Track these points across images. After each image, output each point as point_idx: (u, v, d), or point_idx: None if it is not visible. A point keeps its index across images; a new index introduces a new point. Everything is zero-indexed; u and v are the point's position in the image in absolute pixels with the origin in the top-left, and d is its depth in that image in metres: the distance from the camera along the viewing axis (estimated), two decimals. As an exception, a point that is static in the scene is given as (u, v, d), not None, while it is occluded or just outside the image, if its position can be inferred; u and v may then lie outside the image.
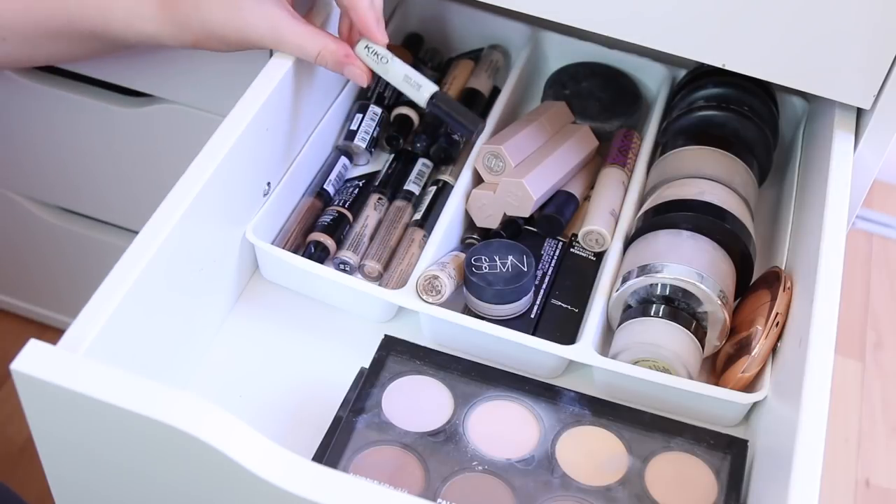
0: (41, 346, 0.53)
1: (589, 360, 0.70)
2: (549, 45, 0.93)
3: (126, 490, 0.59)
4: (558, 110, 0.85)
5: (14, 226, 1.20)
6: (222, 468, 0.51)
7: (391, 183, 0.82)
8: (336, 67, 0.73)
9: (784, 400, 0.64)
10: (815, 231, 0.69)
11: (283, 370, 0.72)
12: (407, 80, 0.74)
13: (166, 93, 1.00)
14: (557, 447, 0.66)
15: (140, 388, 0.51)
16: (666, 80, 0.91)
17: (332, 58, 0.73)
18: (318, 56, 0.73)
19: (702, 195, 0.75)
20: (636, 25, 0.74)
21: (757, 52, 0.72)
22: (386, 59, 0.74)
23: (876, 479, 1.40)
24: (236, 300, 0.76)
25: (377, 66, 0.74)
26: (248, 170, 0.71)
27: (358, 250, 0.77)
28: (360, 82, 0.75)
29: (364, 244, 0.78)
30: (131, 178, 1.09)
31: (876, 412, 1.48)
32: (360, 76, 0.74)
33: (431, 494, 0.62)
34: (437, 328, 0.73)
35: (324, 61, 0.73)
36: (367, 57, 0.74)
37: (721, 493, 0.64)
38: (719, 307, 0.70)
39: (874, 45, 0.69)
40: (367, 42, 0.74)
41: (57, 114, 1.05)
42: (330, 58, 0.73)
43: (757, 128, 0.81)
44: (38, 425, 0.56)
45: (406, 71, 0.74)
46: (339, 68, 0.74)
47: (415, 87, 0.74)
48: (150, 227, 0.62)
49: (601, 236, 0.78)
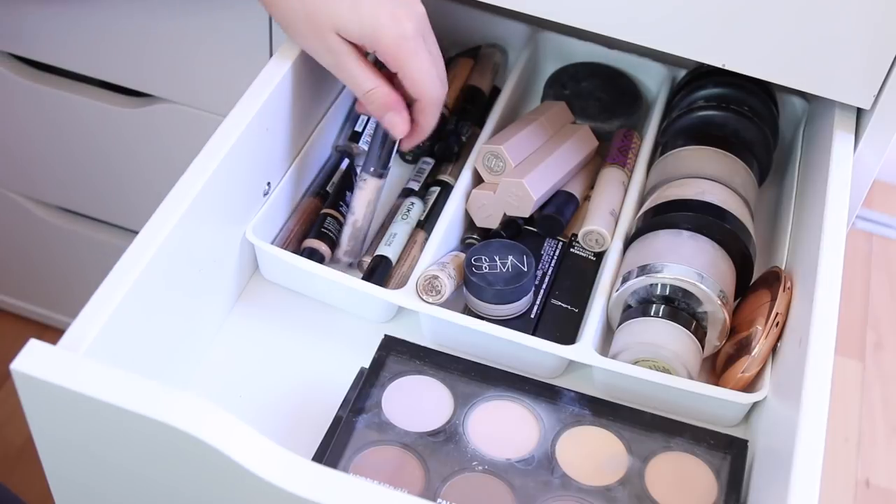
0: (41, 346, 0.53)
1: (589, 360, 0.70)
2: (549, 45, 0.93)
3: (126, 490, 0.59)
4: (558, 110, 0.85)
5: (14, 226, 1.20)
6: (222, 468, 0.51)
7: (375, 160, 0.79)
8: (380, 110, 0.73)
9: (784, 400, 0.64)
10: (815, 231, 0.69)
11: (283, 370, 0.72)
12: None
13: (166, 93, 1.00)
14: (557, 447, 0.66)
15: (140, 388, 0.51)
16: (666, 80, 0.91)
17: (381, 100, 0.72)
18: (369, 92, 0.72)
19: (702, 195, 0.75)
20: (636, 25, 0.74)
21: (757, 52, 0.72)
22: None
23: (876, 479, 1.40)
24: (236, 300, 0.76)
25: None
26: (248, 170, 0.71)
27: (353, 245, 0.77)
28: (397, 133, 0.74)
29: (360, 239, 0.77)
30: (131, 178, 1.09)
31: (876, 412, 1.48)
32: (401, 127, 0.73)
33: (431, 494, 0.62)
34: (437, 328, 0.73)
35: (372, 99, 0.72)
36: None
37: (721, 493, 0.64)
38: (719, 307, 0.70)
39: (874, 45, 0.69)
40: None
41: (57, 114, 1.05)
42: (379, 99, 0.72)
43: (757, 128, 0.81)
44: (38, 425, 0.56)
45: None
46: (383, 111, 0.73)
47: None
48: (150, 227, 0.62)
49: (601, 236, 0.78)
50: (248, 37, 0.92)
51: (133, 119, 1.03)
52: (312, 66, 0.76)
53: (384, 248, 0.77)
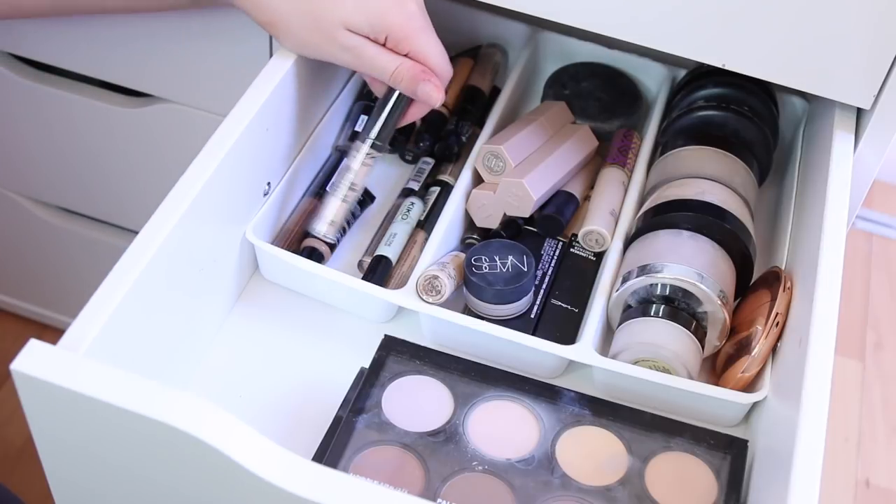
0: (41, 346, 0.53)
1: (589, 360, 0.70)
2: (549, 45, 0.93)
3: (126, 490, 0.59)
4: (558, 110, 0.85)
5: (14, 226, 1.20)
6: (222, 468, 0.51)
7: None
8: (411, 84, 0.73)
9: (784, 400, 0.64)
10: (815, 231, 0.69)
11: (283, 370, 0.72)
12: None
13: (166, 93, 1.00)
14: (557, 447, 0.66)
15: (140, 388, 0.51)
16: (666, 80, 0.91)
17: (408, 73, 0.72)
18: (394, 71, 0.72)
19: (702, 195, 0.75)
20: (636, 25, 0.74)
21: (757, 52, 0.72)
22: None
23: (876, 479, 1.40)
24: (236, 300, 0.76)
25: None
26: (248, 170, 0.71)
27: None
28: (433, 103, 0.74)
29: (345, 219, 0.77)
30: (131, 178, 1.09)
31: (876, 412, 1.48)
32: (435, 95, 0.73)
33: (431, 494, 0.62)
34: (437, 328, 0.73)
35: (400, 76, 0.72)
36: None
37: (721, 493, 0.64)
38: (719, 307, 0.70)
39: (874, 45, 0.69)
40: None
41: (57, 114, 1.05)
42: (407, 73, 0.72)
43: (757, 128, 0.81)
44: (38, 425, 0.56)
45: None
46: (413, 85, 0.73)
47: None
48: (150, 227, 0.62)
49: (601, 236, 0.78)
50: (248, 37, 0.91)
51: (133, 119, 1.03)
52: (312, 66, 0.76)
53: (384, 248, 0.77)
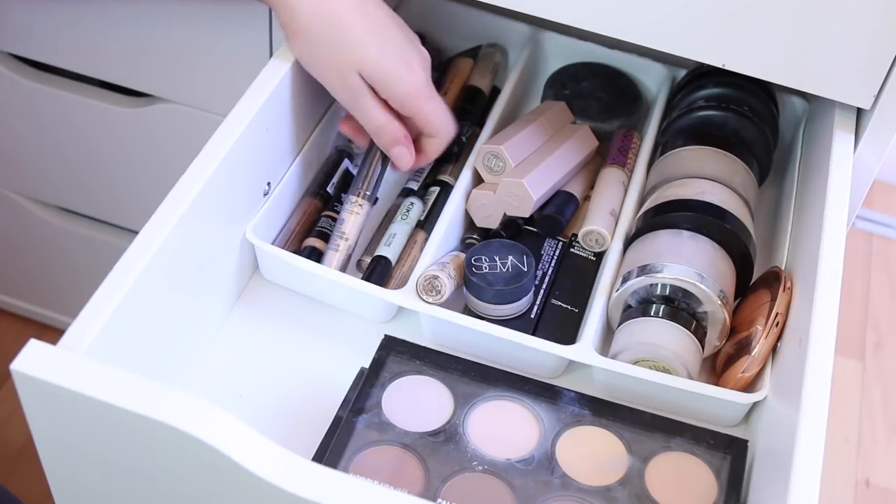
0: (41, 346, 0.53)
1: (589, 360, 0.70)
2: (549, 45, 0.93)
3: (126, 490, 0.59)
4: (558, 110, 0.85)
5: (14, 226, 1.20)
6: (222, 468, 0.51)
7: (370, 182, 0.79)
8: (391, 143, 0.75)
9: (784, 400, 0.64)
10: (815, 231, 0.69)
11: (283, 370, 0.72)
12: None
13: (166, 93, 1.00)
14: (557, 447, 0.66)
15: (140, 388, 0.51)
16: (666, 80, 0.91)
17: (390, 134, 0.75)
18: (379, 126, 0.74)
19: (702, 195, 0.75)
20: (636, 26, 0.74)
21: (757, 52, 0.72)
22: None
23: (876, 479, 1.40)
24: (236, 300, 0.76)
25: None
26: (248, 170, 0.71)
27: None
28: (402, 167, 0.77)
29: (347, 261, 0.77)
30: (131, 178, 1.09)
31: (876, 412, 1.48)
32: (406, 160, 0.76)
33: (431, 494, 0.62)
34: (437, 328, 0.73)
35: (382, 133, 0.75)
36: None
37: (721, 493, 0.64)
38: (719, 307, 0.70)
39: (874, 45, 0.69)
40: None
41: (57, 114, 1.05)
42: (389, 133, 0.75)
43: (757, 128, 0.81)
44: (38, 425, 0.56)
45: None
46: (391, 144, 0.75)
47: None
48: (150, 227, 0.62)
49: (601, 236, 0.78)
50: (248, 37, 0.92)
51: (133, 119, 1.03)
52: (312, 66, 0.76)
53: (384, 248, 0.77)
